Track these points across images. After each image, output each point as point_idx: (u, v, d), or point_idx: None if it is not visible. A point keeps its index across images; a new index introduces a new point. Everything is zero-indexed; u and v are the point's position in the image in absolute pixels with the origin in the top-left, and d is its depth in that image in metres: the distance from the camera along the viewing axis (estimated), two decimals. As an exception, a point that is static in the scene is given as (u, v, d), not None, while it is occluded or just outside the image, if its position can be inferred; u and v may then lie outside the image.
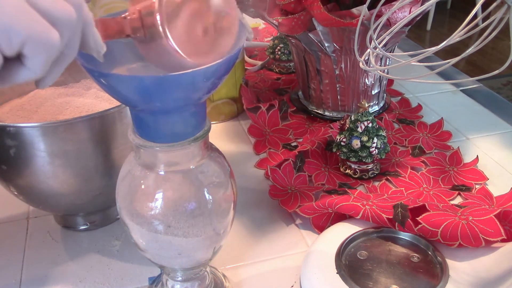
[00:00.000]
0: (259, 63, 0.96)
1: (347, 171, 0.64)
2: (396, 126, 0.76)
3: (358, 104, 0.62)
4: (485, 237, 0.48)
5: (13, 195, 0.53)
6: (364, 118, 0.62)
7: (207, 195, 0.39)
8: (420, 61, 0.47)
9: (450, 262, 0.48)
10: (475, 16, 0.45)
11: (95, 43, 0.32)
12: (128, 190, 0.40)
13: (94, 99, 0.58)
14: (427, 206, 0.52)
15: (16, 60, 0.29)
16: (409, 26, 0.70)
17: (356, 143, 0.62)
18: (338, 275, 0.47)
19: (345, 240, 0.51)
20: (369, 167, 0.63)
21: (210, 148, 0.41)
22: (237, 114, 0.81)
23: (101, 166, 0.50)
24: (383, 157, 0.63)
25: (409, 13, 0.65)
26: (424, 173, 0.64)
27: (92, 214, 0.57)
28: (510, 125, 0.77)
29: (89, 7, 0.65)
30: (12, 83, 0.30)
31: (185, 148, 0.38)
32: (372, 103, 0.77)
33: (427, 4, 0.47)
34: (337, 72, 0.73)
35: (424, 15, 0.69)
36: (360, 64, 0.54)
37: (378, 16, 0.56)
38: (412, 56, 0.52)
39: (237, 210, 0.44)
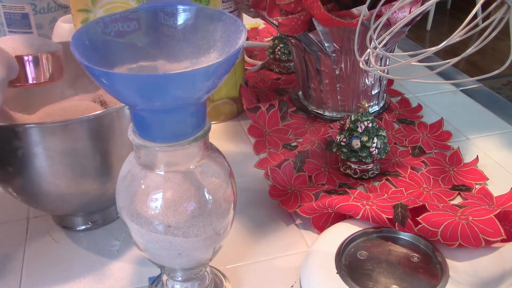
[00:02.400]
0: (259, 63, 0.96)
1: (347, 171, 0.64)
2: (396, 126, 0.76)
3: (358, 104, 0.62)
4: (485, 237, 0.48)
5: (12, 196, 0.53)
6: (364, 118, 0.62)
7: (207, 195, 0.39)
8: (420, 61, 0.47)
9: (450, 262, 0.48)
10: (475, 16, 0.45)
11: None
12: (128, 190, 0.40)
13: None
14: (427, 206, 0.52)
15: None
16: (409, 26, 0.70)
17: (356, 143, 0.62)
18: (338, 275, 0.47)
19: (345, 240, 0.51)
20: (369, 167, 0.63)
21: (210, 148, 0.41)
22: (237, 114, 0.81)
23: (108, 163, 0.50)
24: (383, 157, 0.63)
25: (409, 13, 0.65)
26: (424, 173, 0.64)
27: (93, 213, 0.57)
28: (510, 125, 0.77)
29: (89, 7, 0.65)
30: None
31: (185, 148, 0.38)
32: (372, 103, 0.77)
33: (427, 4, 0.47)
34: (337, 72, 0.73)
35: (424, 15, 0.69)
36: (360, 64, 0.54)
37: (378, 16, 0.56)
38: (412, 56, 0.52)
39: (237, 210, 0.44)
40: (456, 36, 0.46)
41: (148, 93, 0.33)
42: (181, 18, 0.39)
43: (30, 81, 0.49)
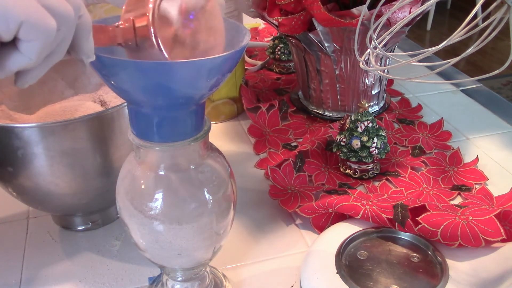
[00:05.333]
0: (259, 63, 0.96)
1: (347, 171, 0.64)
2: (396, 126, 0.76)
3: (358, 104, 0.62)
4: (485, 237, 0.48)
5: (12, 196, 0.53)
6: (364, 118, 0.62)
7: (207, 195, 0.39)
8: (420, 61, 0.47)
9: (450, 262, 0.48)
10: (475, 16, 0.45)
11: (88, 48, 0.32)
12: (128, 190, 0.40)
13: None
14: (427, 206, 0.52)
15: (11, 47, 0.29)
16: (409, 26, 0.70)
17: (356, 143, 0.62)
18: (338, 275, 0.47)
19: (345, 240, 0.51)
20: (369, 167, 0.63)
21: (210, 148, 0.41)
22: (237, 114, 0.81)
23: (108, 163, 0.50)
24: (383, 157, 0.63)
25: (409, 13, 0.65)
26: (424, 173, 0.64)
27: (93, 213, 0.57)
28: (510, 125, 0.77)
29: (90, 8, 0.65)
30: (6, 70, 0.30)
31: (185, 148, 0.38)
32: (372, 103, 0.77)
33: (427, 4, 0.47)
34: (337, 72, 0.73)
35: (424, 15, 0.69)
36: (360, 64, 0.54)
37: (378, 16, 0.56)
38: (412, 56, 0.52)
39: (237, 210, 0.44)
40: (456, 36, 0.46)
41: (154, 83, 0.33)
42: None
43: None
